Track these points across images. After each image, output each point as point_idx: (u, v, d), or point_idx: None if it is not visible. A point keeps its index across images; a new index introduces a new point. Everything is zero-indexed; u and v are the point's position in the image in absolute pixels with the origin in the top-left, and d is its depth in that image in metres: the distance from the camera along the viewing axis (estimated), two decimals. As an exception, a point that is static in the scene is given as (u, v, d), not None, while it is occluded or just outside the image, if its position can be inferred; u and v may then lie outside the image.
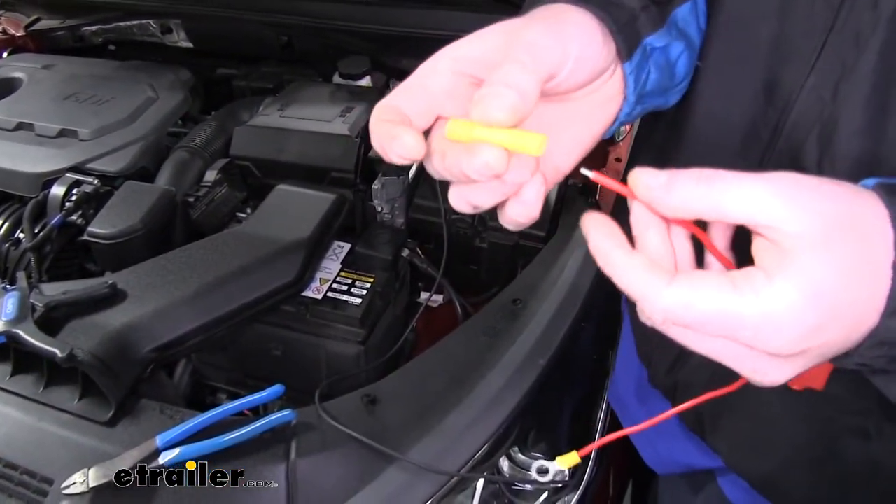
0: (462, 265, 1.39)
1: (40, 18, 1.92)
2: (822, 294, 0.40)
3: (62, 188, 1.28)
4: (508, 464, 0.99)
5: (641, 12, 0.58)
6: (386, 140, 0.46)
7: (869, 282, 0.41)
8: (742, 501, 0.90)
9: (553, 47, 0.48)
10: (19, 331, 0.96)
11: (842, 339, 0.42)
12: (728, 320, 0.41)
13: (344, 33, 1.58)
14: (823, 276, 0.40)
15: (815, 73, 0.59)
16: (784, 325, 0.40)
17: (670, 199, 0.42)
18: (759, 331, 0.41)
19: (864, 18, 0.55)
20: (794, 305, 0.40)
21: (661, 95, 0.65)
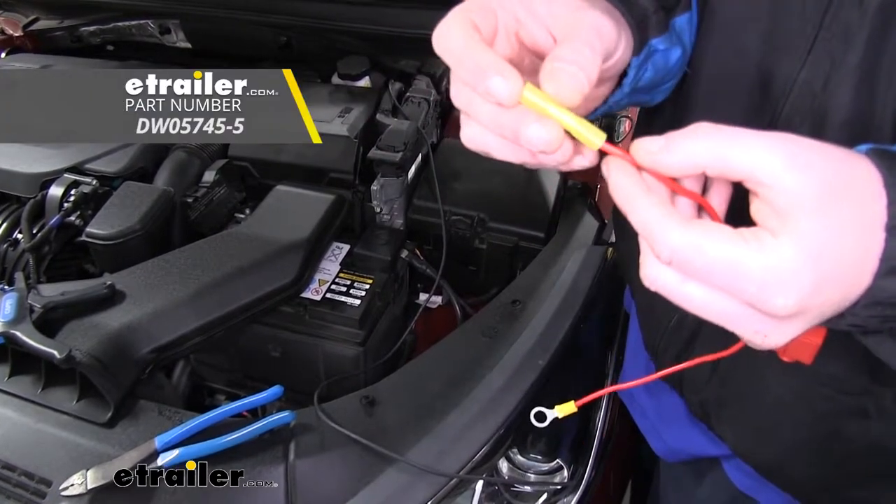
0: (461, 266, 1.39)
1: (38, 18, 1.91)
2: (822, 255, 0.41)
3: (60, 189, 1.28)
4: (507, 465, 0.99)
5: (653, 14, 0.61)
6: (480, 76, 0.45)
7: (863, 243, 0.42)
8: (747, 486, 0.91)
9: (613, 38, 0.51)
10: (17, 332, 0.95)
11: (838, 299, 0.43)
12: (735, 270, 0.42)
13: (342, 34, 1.58)
14: (823, 238, 0.41)
15: (807, 67, 0.61)
16: (786, 282, 0.41)
17: (672, 157, 0.44)
18: (762, 286, 0.42)
19: (851, 14, 0.57)
20: (797, 264, 0.41)
21: (648, 93, 0.68)
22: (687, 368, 0.86)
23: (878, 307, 0.44)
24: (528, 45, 0.52)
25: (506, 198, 1.35)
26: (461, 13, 0.49)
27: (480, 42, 0.47)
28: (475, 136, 0.50)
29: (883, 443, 0.73)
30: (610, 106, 0.62)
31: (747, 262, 0.41)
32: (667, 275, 0.45)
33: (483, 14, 0.50)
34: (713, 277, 0.43)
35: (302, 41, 1.67)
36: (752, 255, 0.41)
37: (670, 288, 0.45)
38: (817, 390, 0.73)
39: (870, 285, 0.43)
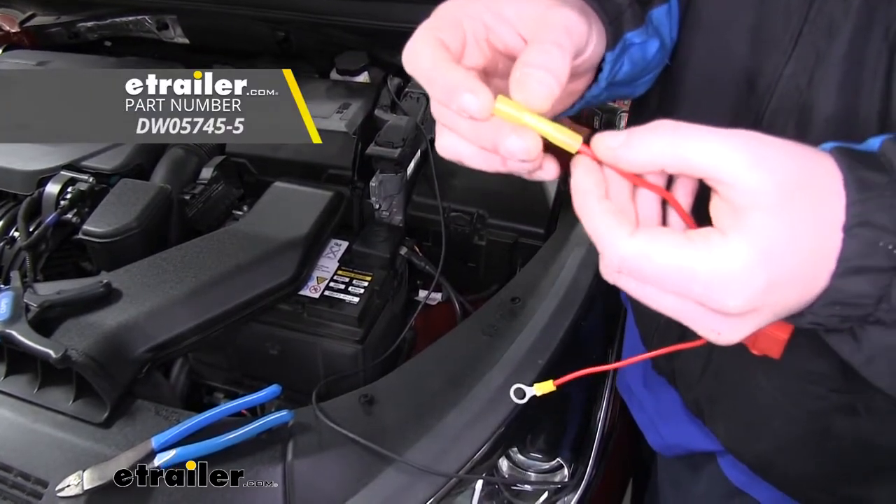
0: (460, 263, 1.38)
1: (35, 15, 1.90)
2: (774, 253, 0.41)
3: (57, 186, 1.27)
4: (507, 464, 0.98)
5: (627, 8, 0.61)
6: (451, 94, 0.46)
7: (820, 243, 0.42)
8: (741, 481, 0.91)
9: (583, 33, 0.51)
10: (13, 331, 0.95)
11: (795, 298, 0.43)
12: (682, 275, 0.42)
13: (341, 29, 1.57)
14: (776, 236, 0.41)
15: (793, 61, 0.61)
16: (735, 283, 0.41)
17: (632, 153, 0.44)
18: (710, 287, 0.42)
19: (836, 7, 0.57)
20: (746, 264, 0.41)
21: (629, 86, 0.69)
22: (678, 365, 0.87)
23: (836, 307, 0.44)
24: (500, 49, 0.53)
25: (505, 194, 1.34)
26: (427, 32, 0.50)
27: (448, 60, 0.47)
28: (449, 145, 0.51)
29: (872, 440, 0.73)
30: (587, 100, 0.63)
31: (694, 265, 0.41)
32: (623, 278, 0.45)
33: (450, 29, 0.50)
34: (664, 282, 0.43)
35: (300, 36, 1.66)
36: (699, 258, 0.41)
37: (629, 289, 0.46)
38: (807, 388, 0.74)
39: (827, 286, 0.43)
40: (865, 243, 0.42)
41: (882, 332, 0.45)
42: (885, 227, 0.42)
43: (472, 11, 0.52)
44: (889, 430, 0.72)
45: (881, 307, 0.43)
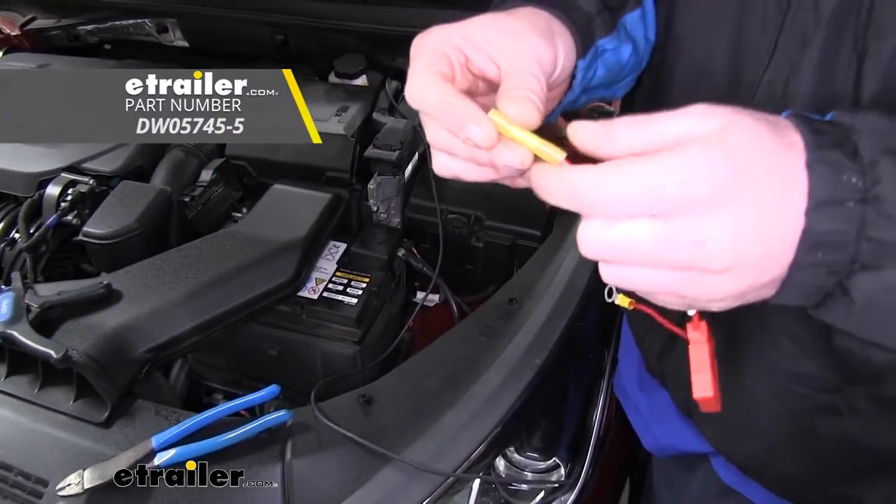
0: (458, 265, 1.39)
1: (36, 18, 1.91)
2: (736, 151, 0.43)
3: (57, 188, 1.28)
4: (504, 463, 0.99)
5: (597, 16, 0.65)
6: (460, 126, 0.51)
7: (787, 175, 0.44)
8: (734, 481, 0.92)
9: (551, 60, 0.56)
10: (14, 332, 0.95)
11: (772, 231, 0.44)
12: (652, 178, 0.43)
13: (339, 32, 1.58)
14: (736, 139, 0.44)
15: (770, 70, 0.62)
16: (700, 169, 0.42)
17: (614, 143, 0.46)
18: (679, 185, 0.42)
19: (808, 18, 0.59)
20: (707, 153, 0.43)
21: (606, 89, 0.72)
22: (667, 367, 0.88)
23: (818, 252, 0.44)
24: (477, 74, 0.57)
25: (502, 196, 1.35)
26: (427, 67, 0.54)
27: (455, 93, 0.52)
28: (447, 165, 0.56)
29: (857, 440, 0.74)
30: (565, 106, 0.66)
31: (658, 164, 0.43)
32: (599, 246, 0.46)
33: (441, 61, 0.55)
34: (630, 205, 0.44)
35: (299, 40, 1.66)
36: (661, 158, 0.43)
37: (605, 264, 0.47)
38: (792, 388, 0.74)
39: (804, 226, 0.44)
40: (829, 177, 0.43)
41: (871, 277, 0.45)
42: (842, 162, 0.44)
43: (451, 42, 0.56)
44: (873, 430, 0.73)
45: (862, 246, 0.44)
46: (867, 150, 0.44)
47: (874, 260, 0.44)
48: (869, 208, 0.43)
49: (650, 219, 0.44)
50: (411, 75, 0.54)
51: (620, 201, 0.44)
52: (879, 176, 0.43)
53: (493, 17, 0.58)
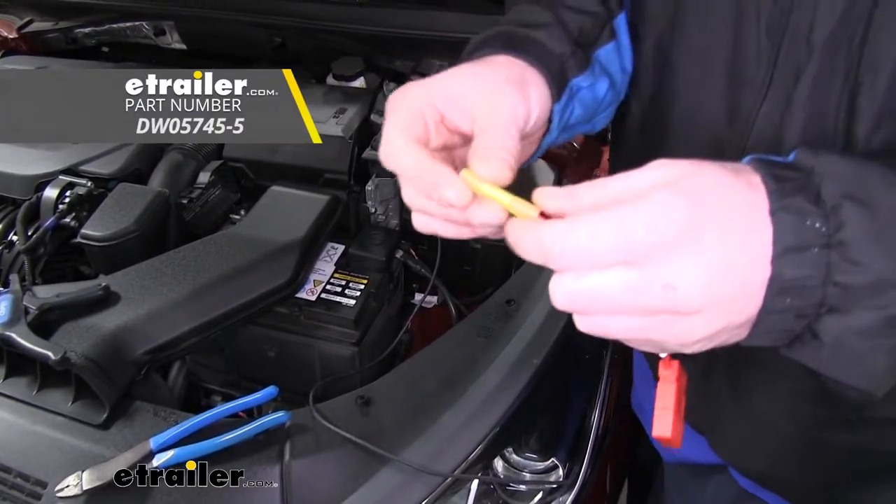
0: (456, 266, 1.39)
1: (33, 20, 1.91)
2: (698, 192, 0.44)
3: (55, 190, 1.28)
4: (503, 464, 0.99)
5: (570, 57, 0.66)
6: (434, 189, 0.53)
7: (752, 225, 0.44)
8: (751, 486, 0.93)
9: (524, 114, 0.58)
10: (12, 333, 0.96)
11: (738, 278, 0.44)
12: (618, 225, 0.43)
13: (337, 35, 1.58)
14: (698, 181, 0.44)
15: (767, 101, 0.63)
16: (665, 211, 0.43)
17: (579, 203, 0.47)
18: (645, 228, 0.43)
19: (800, 52, 0.59)
20: (670, 195, 0.43)
21: (586, 124, 0.73)
22: None
23: (786, 297, 0.45)
24: (452, 129, 0.58)
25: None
26: (403, 131, 0.56)
27: (428, 158, 0.54)
28: (426, 223, 0.58)
29: (870, 447, 0.74)
30: (545, 147, 0.68)
31: (623, 209, 0.43)
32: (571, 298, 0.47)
33: (416, 122, 0.56)
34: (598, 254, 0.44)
35: (296, 42, 1.66)
36: (626, 208, 0.44)
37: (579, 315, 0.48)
38: (801, 406, 0.75)
39: (770, 273, 0.44)
40: (793, 223, 0.44)
41: (838, 320, 0.45)
42: (805, 208, 0.44)
43: (426, 99, 0.57)
44: (887, 435, 0.73)
45: (829, 291, 0.44)
46: (830, 194, 0.45)
47: (841, 303, 0.45)
48: (833, 253, 0.44)
49: (620, 267, 0.44)
50: (386, 137, 0.56)
51: (588, 251, 0.44)
52: (842, 221, 0.44)
53: (472, 69, 0.60)
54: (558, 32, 0.67)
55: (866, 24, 0.55)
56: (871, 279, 0.44)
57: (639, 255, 0.43)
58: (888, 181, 0.46)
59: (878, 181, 0.45)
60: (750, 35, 0.62)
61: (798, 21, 0.58)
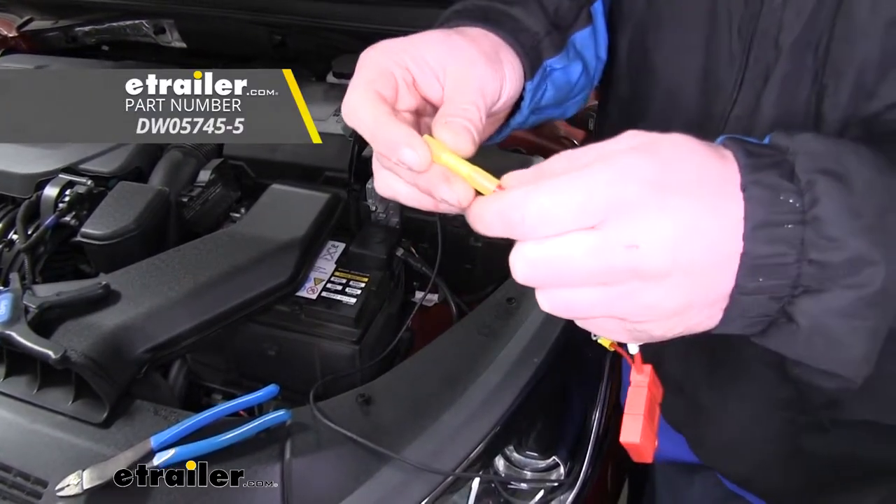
0: (457, 264, 1.39)
1: (33, 19, 1.91)
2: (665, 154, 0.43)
3: (55, 189, 1.28)
4: (504, 463, 0.99)
5: (545, 37, 0.65)
6: (392, 149, 0.50)
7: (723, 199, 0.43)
8: (737, 486, 0.93)
9: (495, 90, 0.57)
10: (12, 332, 0.95)
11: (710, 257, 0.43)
12: (579, 185, 0.42)
13: (337, 32, 1.58)
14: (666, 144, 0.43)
15: (738, 104, 0.62)
16: (628, 170, 0.41)
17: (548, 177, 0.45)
18: (607, 186, 0.41)
19: (769, 53, 0.59)
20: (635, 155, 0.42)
21: (557, 108, 0.72)
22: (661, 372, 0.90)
23: (759, 276, 0.43)
24: (423, 95, 0.57)
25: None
26: (365, 85, 0.53)
27: (388, 114, 0.51)
28: (387, 185, 0.55)
29: (844, 453, 0.74)
30: (513, 127, 0.66)
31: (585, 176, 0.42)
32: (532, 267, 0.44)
33: (383, 79, 0.54)
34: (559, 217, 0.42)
35: (297, 40, 1.66)
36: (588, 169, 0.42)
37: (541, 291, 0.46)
38: (777, 414, 0.76)
39: (742, 250, 0.42)
40: (766, 198, 0.42)
41: (815, 300, 0.44)
42: (779, 183, 0.43)
43: (398, 59, 0.55)
44: (860, 440, 0.73)
45: (804, 269, 0.43)
46: (804, 170, 0.43)
47: (817, 283, 0.43)
48: (808, 229, 0.42)
49: (582, 231, 0.42)
50: (349, 91, 0.53)
51: (549, 215, 0.42)
52: (817, 196, 0.42)
53: (446, 37, 0.58)
54: (535, 10, 0.66)
55: (829, 30, 0.55)
56: (848, 256, 0.42)
57: (601, 215, 0.41)
58: (862, 156, 0.45)
59: (852, 156, 0.44)
60: (723, 37, 0.62)
61: (766, 24, 0.58)
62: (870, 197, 0.43)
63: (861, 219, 0.43)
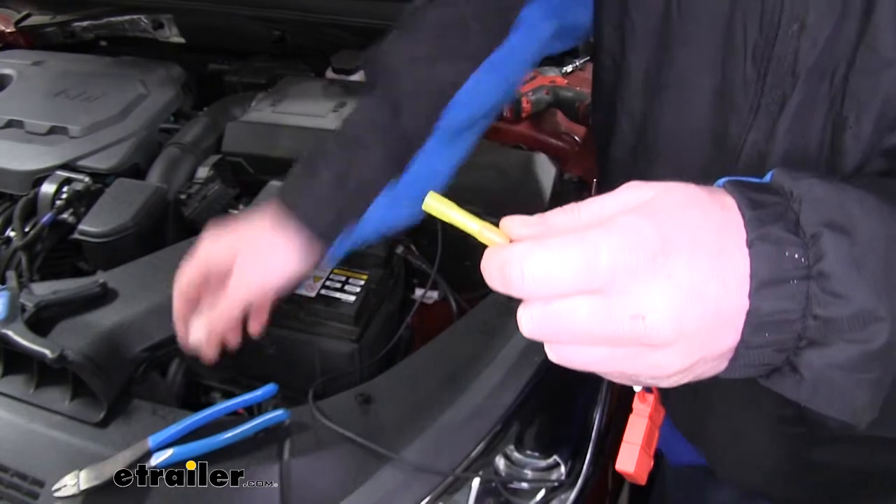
0: (457, 261, 1.38)
1: (31, 14, 1.90)
2: (666, 214, 0.42)
3: (53, 186, 1.27)
4: (504, 462, 0.98)
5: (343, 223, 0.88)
6: None
7: (728, 260, 0.42)
8: None
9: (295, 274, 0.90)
10: (9, 331, 0.94)
11: (715, 322, 0.42)
12: (580, 248, 0.41)
13: (337, 28, 1.57)
14: (666, 203, 0.43)
15: (754, 129, 0.62)
16: (630, 235, 0.41)
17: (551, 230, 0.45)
18: (610, 253, 0.41)
19: (786, 81, 0.58)
20: (636, 218, 0.42)
21: None
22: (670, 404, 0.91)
23: (764, 332, 0.43)
24: None
25: (501, 192, 1.34)
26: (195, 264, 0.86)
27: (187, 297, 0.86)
28: None
29: (856, 463, 0.74)
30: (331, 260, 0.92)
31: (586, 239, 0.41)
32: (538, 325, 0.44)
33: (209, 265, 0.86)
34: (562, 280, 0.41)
35: (296, 35, 1.66)
36: (591, 232, 0.42)
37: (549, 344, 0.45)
38: (783, 429, 0.76)
39: (748, 307, 0.42)
40: (772, 255, 0.42)
41: (819, 353, 0.44)
42: (784, 237, 0.42)
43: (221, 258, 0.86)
44: (873, 451, 0.72)
45: (808, 324, 0.43)
46: (809, 222, 0.43)
47: (821, 337, 0.43)
48: (813, 285, 0.42)
49: (586, 295, 0.42)
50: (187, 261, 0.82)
51: (550, 276, 0.41)
52: (823, 251, 0.42)
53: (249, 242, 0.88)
54: None
55: (849, 61, 0.54)
56: (853, 311, 0.42)
57: (605, 281, 0.41)
58: (867, 206, 0.44)
59: (856, 206, 0.44)
60: (738, 60, 0.61)
61: (782, 51, 0.58)
62: (874, 248, 0.43)
63: (866, 273, 0.42)
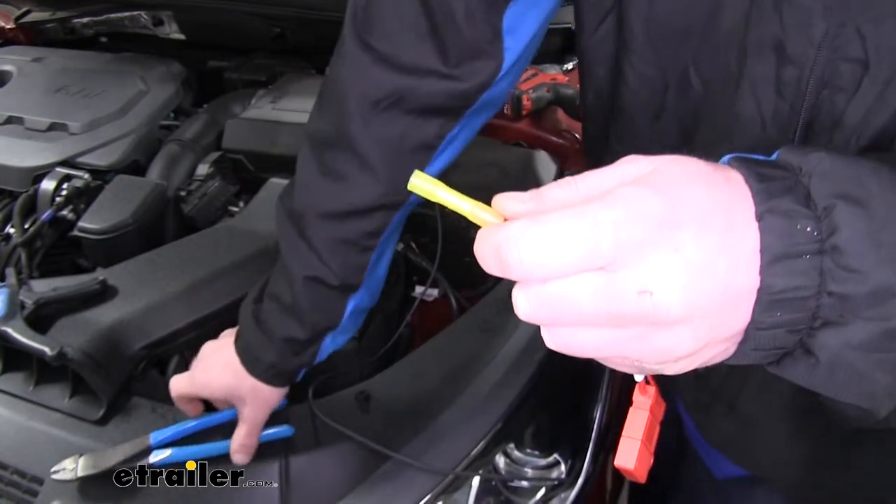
0: (457, 258, 1.37)
1: (31, 11, 1.89)
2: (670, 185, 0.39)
3: (52, 182, 1.27)
4: (504, 460, 0.98)
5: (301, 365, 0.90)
6: None
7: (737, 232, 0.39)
8: None
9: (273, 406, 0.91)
10: (8, 328, 0.94)
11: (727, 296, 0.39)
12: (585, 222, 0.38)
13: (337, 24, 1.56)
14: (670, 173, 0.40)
15: None
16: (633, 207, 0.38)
17: (547, 206, 0.42)
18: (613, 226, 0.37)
19: None
20: (639, 189, 0.38)
21: None
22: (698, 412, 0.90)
23: (776, 310, 0.40)
24: None
25: (501, 189, 1.32)
26: (189, 381, 0.90)
27: None
28: None
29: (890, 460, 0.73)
30: None
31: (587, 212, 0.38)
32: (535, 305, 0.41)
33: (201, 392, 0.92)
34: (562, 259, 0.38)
35: (296, 32, 1.65)
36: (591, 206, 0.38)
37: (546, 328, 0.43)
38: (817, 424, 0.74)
39: (759, 283, 0.39)
40: (783, 228, 0.40)
41: (835, 333, 0.41)
42: (795, 210, 0.40)
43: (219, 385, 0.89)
44: None
45: (823, 301, 0.40)
46: (820, 194, 0.40)
47: (837, 315, 0.40)
48: (827, 259, 0.39)
49: (589, 272, 0.38)
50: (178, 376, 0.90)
51: (550, 257, 0.38)
52: (836, 224, 0.39)
53: None
54: None
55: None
56: (870, 288, 0.39)
57: (608, 257, 0.38)
58: (882, 178, 0.41)
59: (873, 178, 0.41)
60: None
61: None
62: (892, 221, 0.40)
63: (883, 247, 0.40)
